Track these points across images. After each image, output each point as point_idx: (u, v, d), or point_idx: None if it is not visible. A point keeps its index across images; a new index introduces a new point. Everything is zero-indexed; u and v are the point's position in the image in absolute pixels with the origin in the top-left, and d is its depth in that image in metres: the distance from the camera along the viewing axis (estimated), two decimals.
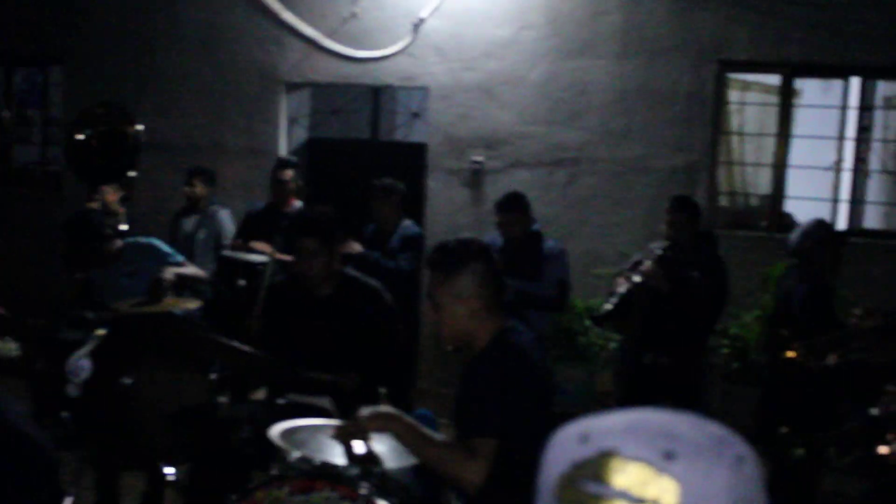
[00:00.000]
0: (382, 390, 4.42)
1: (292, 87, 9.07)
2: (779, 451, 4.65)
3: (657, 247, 5.98)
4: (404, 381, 6.81)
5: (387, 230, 6.92)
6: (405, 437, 3.11)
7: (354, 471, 3.09)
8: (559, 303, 6.57)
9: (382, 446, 3.21)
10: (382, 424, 3.12)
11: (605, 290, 6.31)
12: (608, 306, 5.92)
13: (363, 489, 3.03)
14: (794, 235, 5.77)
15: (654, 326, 5.86)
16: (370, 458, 3.13)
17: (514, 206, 6.46)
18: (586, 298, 6.88)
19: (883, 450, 2.88)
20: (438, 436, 3.21)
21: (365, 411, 3.14)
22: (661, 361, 5.87)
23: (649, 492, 1.09)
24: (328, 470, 3.10)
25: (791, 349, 4.76)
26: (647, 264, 5.80)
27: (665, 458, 1.11)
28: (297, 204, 7.32)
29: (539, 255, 6.35)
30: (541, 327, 6.42)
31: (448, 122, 8.45)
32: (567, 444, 1.17)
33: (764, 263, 7.52)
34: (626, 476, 1.10)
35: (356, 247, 6.64)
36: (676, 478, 1.10)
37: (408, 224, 7.08)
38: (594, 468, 1.12)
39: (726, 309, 6.54)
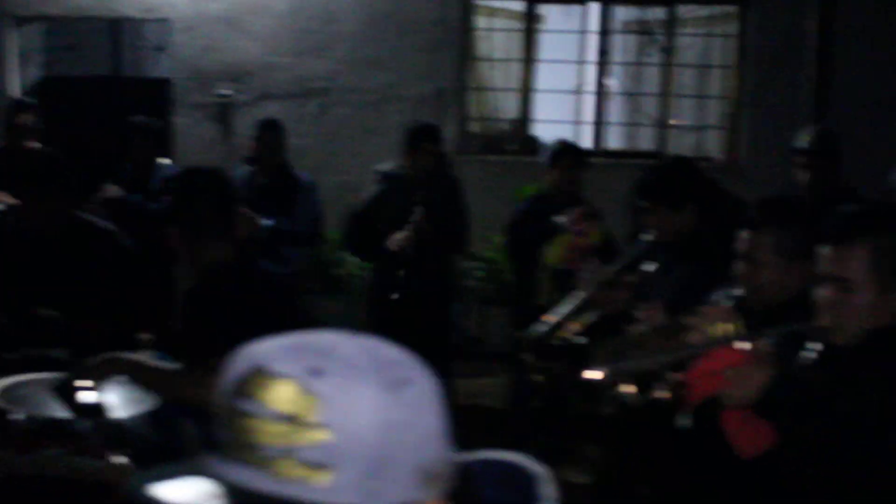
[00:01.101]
0: (145, 336, 4.30)
1: (23, 21, 8.51)
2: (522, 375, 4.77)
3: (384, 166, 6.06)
4: (163, 324, 6.60)
5: (144, 171, 6.63)
6: (139, 376, 3.09)
7: (84, 424, 2.97)
8: (314, 238, 6.53)
9: (114, 396, 3.10)
10: (108, 369, 3.05)
11: None
12: None
13: (93, 442, 2.92)
14: (545, 157, 5.97)
15: (404, 256, 5.88)
16: (96, 408, 3.01)
17: (271, 126, 6.38)
18: (340, 229, 6.84)
19: (660, 394, 2.91)
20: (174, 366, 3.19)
21: (91, 360, 3.07)
22: (412, 289, 5.90)
23: (291, 407, 1.09)
24: (55, 426, 2.96)
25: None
26: (404, 234, 5.70)
27: (311, 375, 1.10)
28: (35, 146, 6.91)
29: (290, 187, 6.28)
30: (297, 262, 6.37)
31: (192, 56, 8.15)
32: (233, 364, 1.16)
33: (514, 186, 7.70)
34: (271, 392, 1.10)
35: (115, 190, 6.36)
36: (320, 394, 1.10)
37: (167, 163, 6.82)
38: (244, 385, 1.12)
39: (477, 232, 6.65)
